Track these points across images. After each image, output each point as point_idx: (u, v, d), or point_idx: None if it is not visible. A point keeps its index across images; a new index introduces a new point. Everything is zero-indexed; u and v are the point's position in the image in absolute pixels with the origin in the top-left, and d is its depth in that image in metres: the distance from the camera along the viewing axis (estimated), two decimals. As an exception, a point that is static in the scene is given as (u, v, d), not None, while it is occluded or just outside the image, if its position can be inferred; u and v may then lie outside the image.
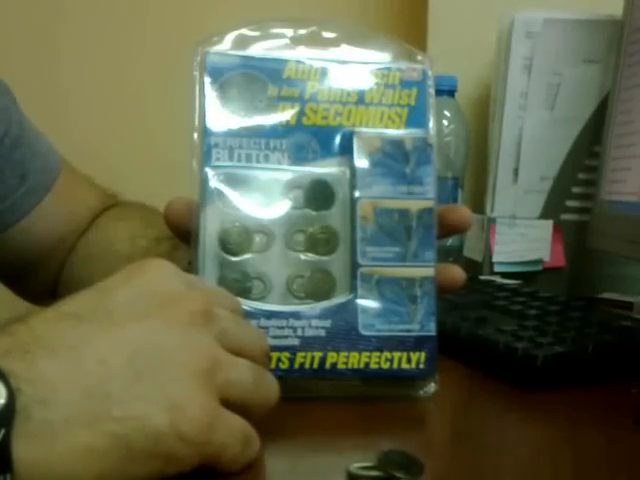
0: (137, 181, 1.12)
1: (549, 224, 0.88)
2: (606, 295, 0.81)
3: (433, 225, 0.48)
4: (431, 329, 0.47)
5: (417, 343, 0.46)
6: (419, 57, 0.51)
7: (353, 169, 0.48)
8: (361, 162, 0.48)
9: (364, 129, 0.49)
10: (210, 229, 0.46)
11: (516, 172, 0.88)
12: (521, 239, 0.88)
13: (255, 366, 0.38)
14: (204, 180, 0.47)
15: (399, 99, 0.50)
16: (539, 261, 0.88)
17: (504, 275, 0.85)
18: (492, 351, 0.53)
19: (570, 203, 0.88)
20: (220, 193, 0.47)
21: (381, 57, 0.51)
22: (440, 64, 0.97)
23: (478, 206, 0.94)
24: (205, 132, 0.48)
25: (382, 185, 0.48)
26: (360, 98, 0.50)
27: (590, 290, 0.84)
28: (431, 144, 0.50)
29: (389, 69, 0.50)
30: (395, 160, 0.49)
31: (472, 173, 0.98)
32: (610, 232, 0.75)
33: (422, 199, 0.48)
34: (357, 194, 0.48)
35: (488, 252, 0.89)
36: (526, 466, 0.40)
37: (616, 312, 0.70)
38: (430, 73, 0.51)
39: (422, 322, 0.47)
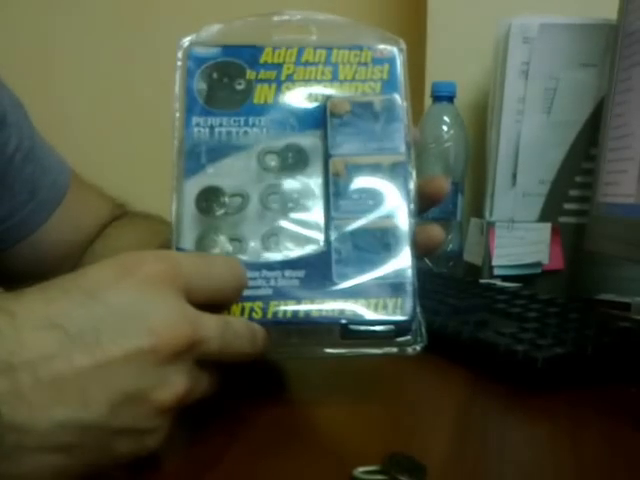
0: (136, 185, 1.14)
1: (547, 227, 0.88)
2: (604, 296, 0.81)
3: (406, 178, 0.49)
4: (407, 275, 0.46)
5: (393, 289, 0.45)
6: (391, 40, 0.53)
7: (325, 131, 0.50)
8: (332, 123, 0.50)
9: (336, 95, 0.51)
10: (188, 195, 0.48)
11: (514, 176, 0.89)
12: (520, 242, 0.89)
13: (214, 373, 0.40)
14: (185, 152, 0.49)
15: (372, 74, 0.52)
16: (538, 264, 0.88)
17: (504, 278, 0.86)
18: (493, 354, 0.54)
19: (568, 206, 0.89)
20: (199, 164, 0.48)
21: (356, 41, 0.53)
22: (439, 70, 1.00)
23: (477, 210, 0.95)
24: (186, 111, 0.50)
25: (353, 143, 0.49)
26: (334, 76, 0.51)
27: (588, 292, 0.84)
28: (401, 106, 0.51)
29: (361, 49, 0.52)
30: (365, 120, 0.50)
31: (471, 178, 0.99)
32: (607, 234, 0.75)
33: (393, 154, 0.49)
34: (329, 152, 0.49)
35: (487, 256, 0.90)
36: (528, 468, 0.40)
37: (614, 313, 0.70)
38: (402, 53, 0.52)
39: (397, 270, 0.46)
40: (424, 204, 0.50)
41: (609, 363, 0.54)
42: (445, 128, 0.96)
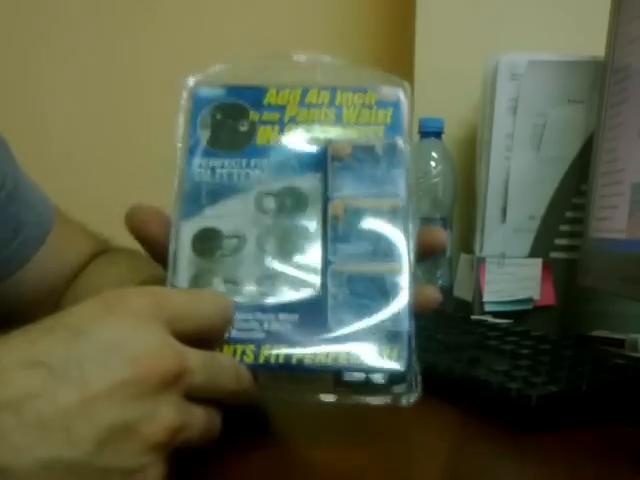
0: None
1: (538, 263, 0.88)
2: (597, 333, 0.81)
3: (405, 224, 0.48)
4: (404, 325, 0.45)
5: (389, 338, 0.44)
6: (396, 81, 0.53)
7: (326, 174, 0.49)
8: (333, 167, 0.49)
9: (337, 139, 0.50)
10: (184, 236, 0.47)
11: (504, 212, 0.89)
12: (511, 278, 0.88)
13: (211, 412, 0.39)
14: (185, 193, 0.48)
15: (375, 118, 0.51)
16: (530, 300, 0.88)
17: (495, 314, 0.85)
18: (486, 392, 0.53)
19: (559, 241, 0.89)
20: (198, 205, 0.48)
21: (360, 83, 0.52)
22: (427, 107, 1.00)
23: (467, 246, 0.95)
24: (188, 152, 0.49)
25: (353, 187, 0.49)
26: (337, 118, 0.51)
27: (581, 328, 0.84)
28: (403, 150, 0.50)
29: (365, 91, 0.52)
30: (366, 164, 0.50)
31: (460, 213, 0.99)
32: (599, 270, 0.75)
33: (393, 199, 0.49)
34: (328, 195, 0.49)
35: (478, 292, 0.89)
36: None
37: (608, 350, 0.70)
38: (406, 96, 0.52)
39: (394, 318, 0.45)
40: (422, 253, 0.49)
41: (604, 401, 0.53)
42: (433, 164, 0.96)
